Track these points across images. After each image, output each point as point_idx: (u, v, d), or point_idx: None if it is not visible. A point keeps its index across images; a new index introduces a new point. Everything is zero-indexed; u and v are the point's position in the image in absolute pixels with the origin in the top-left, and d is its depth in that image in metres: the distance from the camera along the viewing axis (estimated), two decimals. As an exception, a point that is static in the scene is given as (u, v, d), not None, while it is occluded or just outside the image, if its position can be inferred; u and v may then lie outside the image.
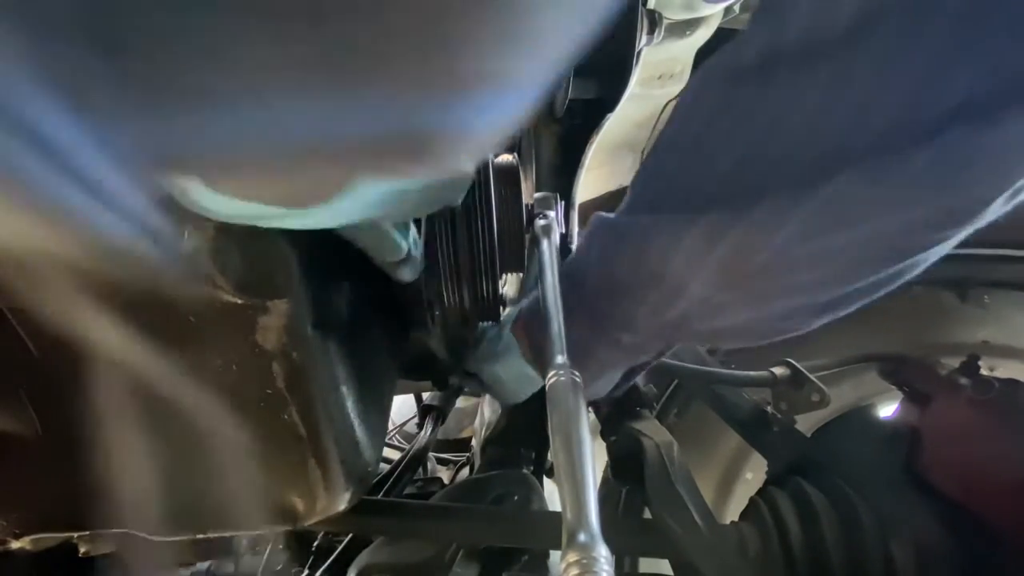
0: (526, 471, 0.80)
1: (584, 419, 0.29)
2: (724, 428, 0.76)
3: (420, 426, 0.87)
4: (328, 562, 0.63)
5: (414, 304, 0.49)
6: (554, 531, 0.40)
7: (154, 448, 0.37)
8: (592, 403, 0.68)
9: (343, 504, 0.39)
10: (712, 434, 1.02)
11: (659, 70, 0.89)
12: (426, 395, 1.00)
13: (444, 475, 1.13)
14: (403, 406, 1.54)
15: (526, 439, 0.87)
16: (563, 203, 0.60)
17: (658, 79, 0.92)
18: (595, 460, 0.28)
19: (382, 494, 0.69)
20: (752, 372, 0.72)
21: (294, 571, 0.68)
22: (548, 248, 0.46)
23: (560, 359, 0.33)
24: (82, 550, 0.46)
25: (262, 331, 0.33)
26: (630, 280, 0.41)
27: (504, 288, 0.55)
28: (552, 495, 0.72)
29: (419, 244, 0.41)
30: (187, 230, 0.30)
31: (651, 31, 0.60)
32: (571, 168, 0.79)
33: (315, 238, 0.34)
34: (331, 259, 0.35)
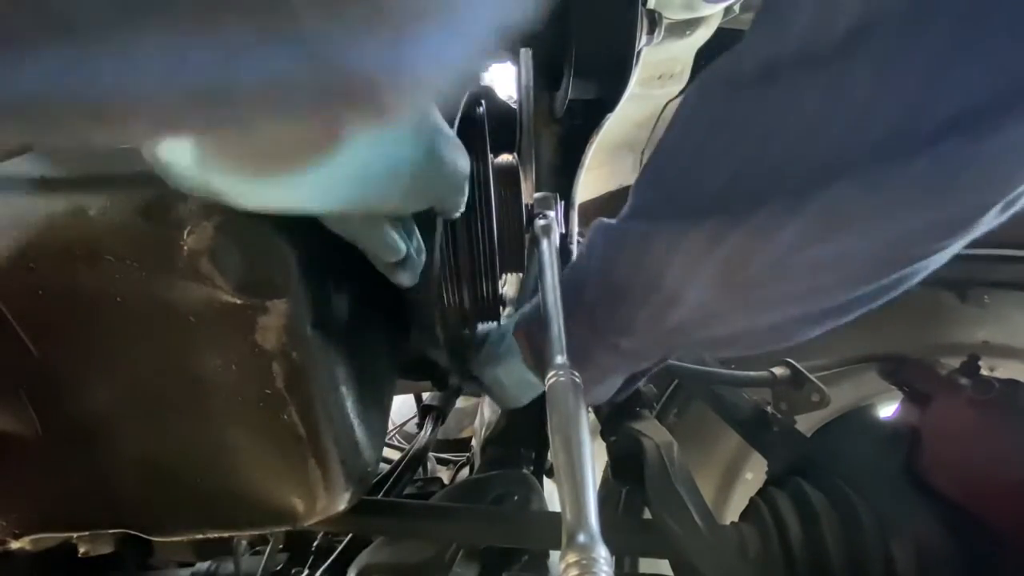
0: (526, 471, 0.80)
1: (584, 419, 0.29)
2: (724, 428, 0.76)
3: (420, 426, 0.87)
4: (328, 562, 0.63)
5: (414, 304, 0.49)
6: (554, 531, 0.40)
7: (154, 448, 0.37)
8: (601, 402, 0.68)
9: (343, 504, 0.39)
10: (712, 434, 1.02)
11: (659, 70, 0.89)
12: (426, 395, 0.99)
13: (444, 475, 1.13)
14: (403, 406, 1.54)
15: (526, 439, 0.87)
16: (563, 203, 0.60)
17: (658, 79, 0.92)
18: (595, 460, 0.28)
19: (382, 494, 0.69)
20: (752, 372, 0.72)
21: (294, 571, 0.68)
22: (548, 248, 0.46)
23: (560, 359, 0.33)
24: (82, 550, 0.46)
25: (262, 331, 0.33)
26: (629, 286, 0.41)
27: (504, 288, 0.55)
28: (552, 495, 0.72)
29: (423, 251, 0.41)
30: (187, 230, 0.30)
31: (651, 31, 0.60)
32: (571, 168, 0.79)
33: (315, 238, 0.34)
34: (331, 259, 0.35)
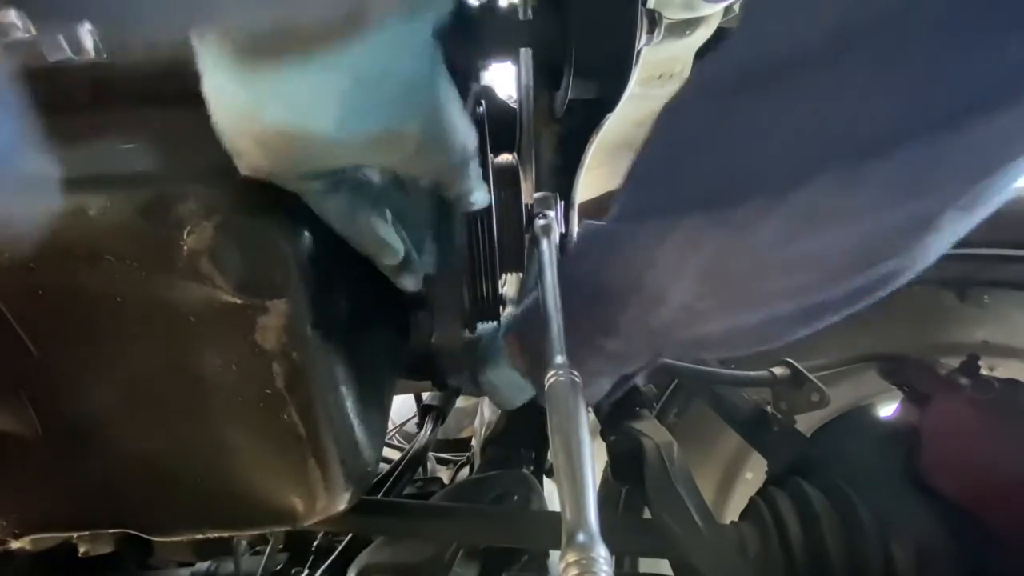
0: (526, 471, 0.80)
1: (584, 419, 0.29)
2: (724, 428, 0.76)
3: (420, 426, 0.87)
4: (328, 562, 0.63)
5: (414, 304, 0.49)
6: (554, 531, 0.40)
7: (154, 448, 0.37)
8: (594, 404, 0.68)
9: (343, 504, 0.39)
10: (712, 434, 1.01)
11: (659, 70, 0.89)
12: (426, 395, 0.99)
13: (444, 475, 1.13)
14: (403, 406, 1.54)
15: (526, 439, 0.87)
16: (563, 203, 0.60)
17: (658, 79, 0.91)
18: (595, 460, 0.28)
19: (382, 494, 0.69)
20: (752, 372, 0.72)
21: (294, 571, 0.68)
22: (548, 248, 0.46)
23: (560, 359, 0.33)
24: (82, 550, 0.46)
25: (262, 331, 0.33)
26: (614, 286, 0.41)
27: (504, 288, 0.55)
28: (552, 495, 0.72)
29: (429, 254, 0.41)
30: (187, 230, 0.30)
31: (651, 31, 0.60)
32: (571, 168, 0.79)
33: (315, 238, 0.34)
34: (331, 259, 0.35)
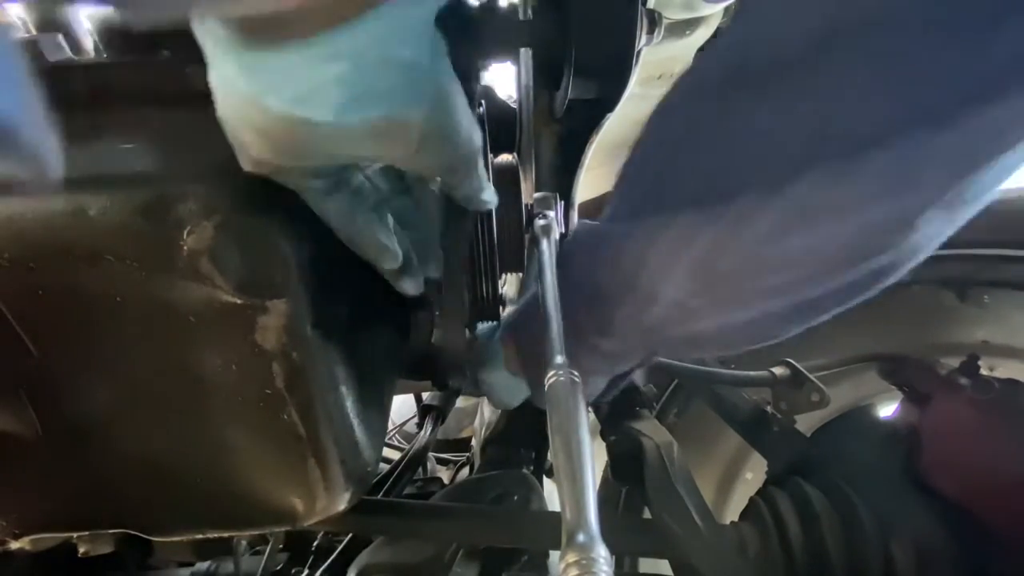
0: (526, 471, 0.80)
1: (584, 419, 0.29)
2: (724, 428, 0.76)
3: (420, 426, 0.87)
4: (328, 562, 0.63)
5: (414, 304, 0.49)
6: (554, 531, 0.40)
7: (154, 448, 0.37)
8: (592, 403, 0.68)
9: (343, 504, 0.39)
10: (712, 434, 1.01)
11: (659, 70, 0.89)
12: (426, 395, 0.99)
13: (444, 475, 1.13)
14: (403, 406, 1.54)
15: (526, 439, 0.87)
16: (563, 203, 0.60)
17: (658, 79, 0.92)
18: (595, 460, 0.28)
19: (382, 494, 0.69)
20: (752, 372, 0.72)
21: (294, 571, 0.68)
22: (548, 248, 0.46)
23: (559, 359, 0.33)
24: (82, 550, 0.46)
25: (262, 331, 0.33)
26: (608, 286, 0.41)
27: (504, 288, 0.55)
28: (552, 495, 0.72)
29: (435, 259, 0.41)
30: (187, 230, 0.30)
31: (651, 31, 0.60)
32: (571, 168, 0.79)
33: (315, 238, 0.34)
34: (331, 259, 0.35)
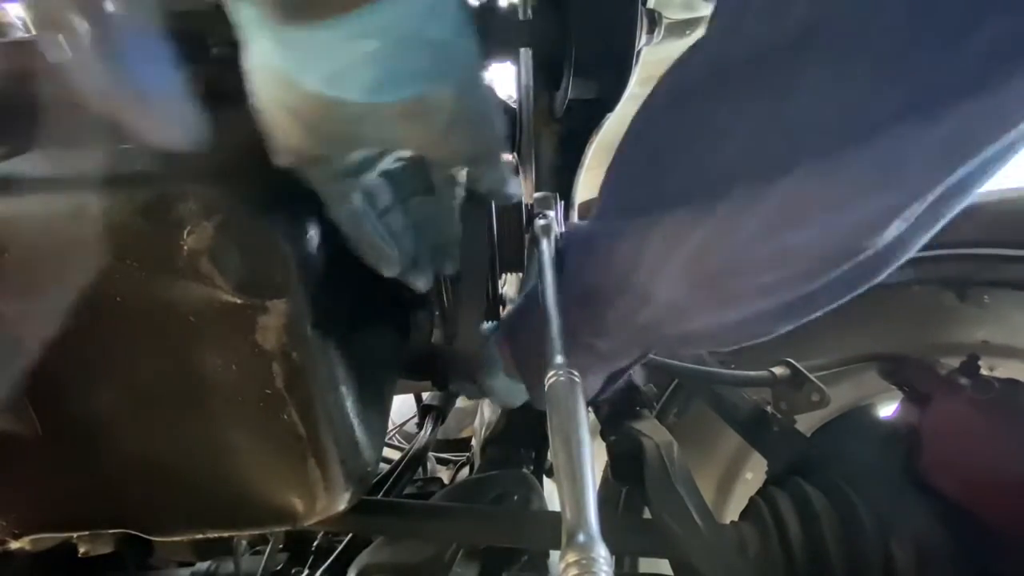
0: (526, 471, 0.80)
1: (584, 419, 0.29)
2: (724, 428, 0.75)
3: (420, 426, 0.87)
4: (328, 562, 0.63)
5: (414, 304, 0.49)
6: (554, 531, 0.40)
7: (154, 448, 0.37)
8: (592, 403, 0.68)
9: (343, 504, 0.39)
10: (712, 434, 1.01)
11: (659, 70, 0.89)
12: (426, 395, 0.99)
13: (444, 475, 1.13)
14: (403, 406, 1.54)
15: (526, 439, 0.87)
16: (563, 203, 0.60)
17: (658, 79, 0.91)
18: (595, 460, 0.28)
19: (382, 494, 0.69)
20: (752, 372, 0.72)
21: (294, 571, 0.68)
22: (548, 248, 0.46)
23: (559, 359, 0.33)
24: (82, 550, 0.46)
25: (262, 331, 0.33)
26: (600, 285, 0.41)
27: (504, 288, 0.55)
28: (552, 495, 0.72)
29: (451, 257, 0.41)
30: (187, 230, 0.30)
31: (651, 31, 0.60)
32: (571, 168, 0.79)
33: (315, 238, 0.34)
34: (331, 259, 0.35)
